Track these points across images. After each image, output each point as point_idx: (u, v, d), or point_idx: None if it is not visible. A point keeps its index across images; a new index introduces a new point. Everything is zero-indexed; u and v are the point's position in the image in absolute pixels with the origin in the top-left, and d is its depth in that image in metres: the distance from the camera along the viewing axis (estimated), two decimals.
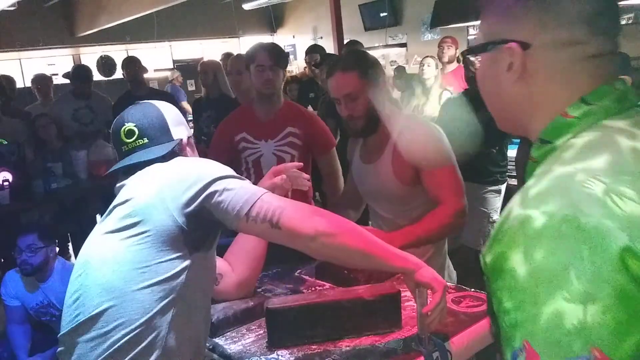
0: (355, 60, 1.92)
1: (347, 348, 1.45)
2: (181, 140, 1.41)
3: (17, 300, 2.89)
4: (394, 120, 1.91)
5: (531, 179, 0.71)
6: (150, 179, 1.29)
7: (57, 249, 4.34)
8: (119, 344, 1.19)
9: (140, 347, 1.20)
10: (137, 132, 1.39)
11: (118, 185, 1.37)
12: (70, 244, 4.82)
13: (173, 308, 1.23)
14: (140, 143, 1.38)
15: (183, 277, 1.23)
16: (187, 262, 1.24)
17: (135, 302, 1.20)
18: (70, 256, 4.82)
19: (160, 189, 1.24)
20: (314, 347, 1.47)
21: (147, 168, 1.33)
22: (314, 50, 5.30)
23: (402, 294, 1.56)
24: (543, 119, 0.77)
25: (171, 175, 1.27)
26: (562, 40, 0.75)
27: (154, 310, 1.21)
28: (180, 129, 1.43)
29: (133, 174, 1.34)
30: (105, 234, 1.27)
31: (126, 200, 1.27)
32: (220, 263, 1.70)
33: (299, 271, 2.01)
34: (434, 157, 1.84)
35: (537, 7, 0.75)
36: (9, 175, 3.72)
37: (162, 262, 1.21)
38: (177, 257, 1.23)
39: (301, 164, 1.82)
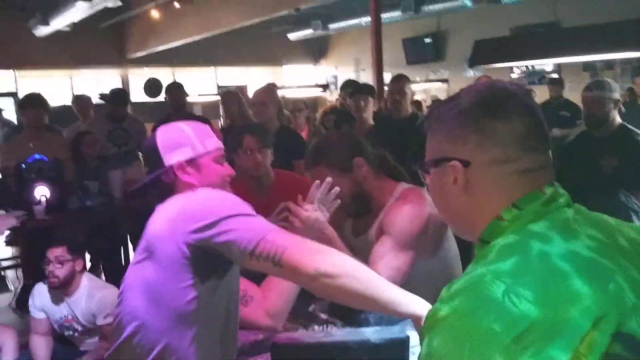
0: (320, 150, 1.88)
1: None
2: (171, 166, 1.44)
3: (42, 313, 2.94)
4: (387, 194, 1.85)
5: (462, 275, 0.81)
6: (167, 213, 1.38)
7: (89, 264, 4.47)
8: None
9: None
10: (142, 161, 1.52)
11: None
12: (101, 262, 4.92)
13: (190, 331, 1.34)
14: (146, 170, 1.52)
15: (196, 303, 1.33)
16: (198, 290, 1.33)
17: (154, 327, 1.33)
18: (100, 272, 4.90)
19: (172, 223, 1.33)
20: None
21: (172, 199, 1.43)
22: (347, 86, 5.42)
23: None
24: (484, 222, 0.87)
25: (183, 210, 1.34)
26: (497, 158, 0.86)
27: (173, 334, 1.33)
28: (177, 152, 1.45)
29: (165, 195, 1.45)
30: (134, 264, 1.41)
31: (147, 233, 1.39)
32: (253, 288, 1.75)
33: (312, 307, 2.00)
34: (394, 228, 1.74)
35: (475, 131, 0.87)
36: (46, 190, 3.83)
37: (175, 290, 1.32)
38: (189, 285, 1.32)
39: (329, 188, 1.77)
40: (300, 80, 10.95)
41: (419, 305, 1.26)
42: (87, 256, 4.73)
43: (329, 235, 1.67)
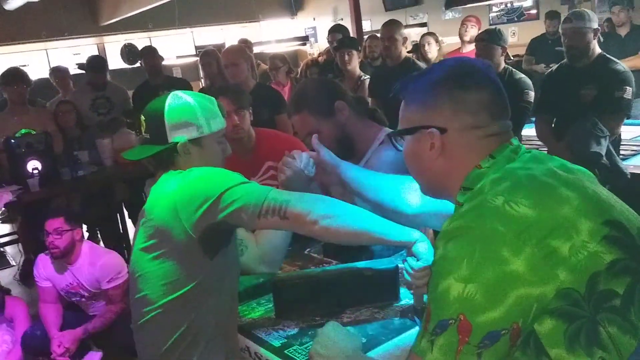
0: (301, 97, 1.90)
1: (349, 319, 1.54)
2: (176, 144, 1.45)
3: (48, 282, 3.03)
4: (371, 138, 1.89)
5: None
6: (165, 197, 1.41)
7: (87, 234, 4.55)
8: (169, 343, 1.43)
9: (187, 342, 1.43)
10: (144, 125, 1.51)
11: (147, 184, 1.50)
12: (98, 230, 5.00)
13: (206, 304, 1.43)
14: (146, 137, 1.51)
15: (209, 278, 1.42)
16: (209, 267, 1.41)
17: (172, 311, 1.42)
18: (99, 241, 5.00)
19: (174, 208, 1.37)
20: (317, 318, 1.56)
21: (163, 177, 1.46)
22: (336, 30, 5.25)
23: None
24: (458, 181, 1.00)
25: (183, 193, 1.38)
26: (470, 125, 0.99)
27: (191, 314, 1.42)
28: (183, 131, 1.45)
29: (162, 166, 1.49)
30: (139, 250, 1.44)
31: (148, 219, 1.43)
32: (249, 236, 1.82)
33: (308, 250, 2.10)
34: (382, 171, 1.69)
35: (449, 101, 0.99)
36: (38, 164, 3.87)
37: (187, 273, 1.39)
38: (201, 265, 1.40)
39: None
40: (278, 35, 10.80)
41: (412, 233, 1.36)
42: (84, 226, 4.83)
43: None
